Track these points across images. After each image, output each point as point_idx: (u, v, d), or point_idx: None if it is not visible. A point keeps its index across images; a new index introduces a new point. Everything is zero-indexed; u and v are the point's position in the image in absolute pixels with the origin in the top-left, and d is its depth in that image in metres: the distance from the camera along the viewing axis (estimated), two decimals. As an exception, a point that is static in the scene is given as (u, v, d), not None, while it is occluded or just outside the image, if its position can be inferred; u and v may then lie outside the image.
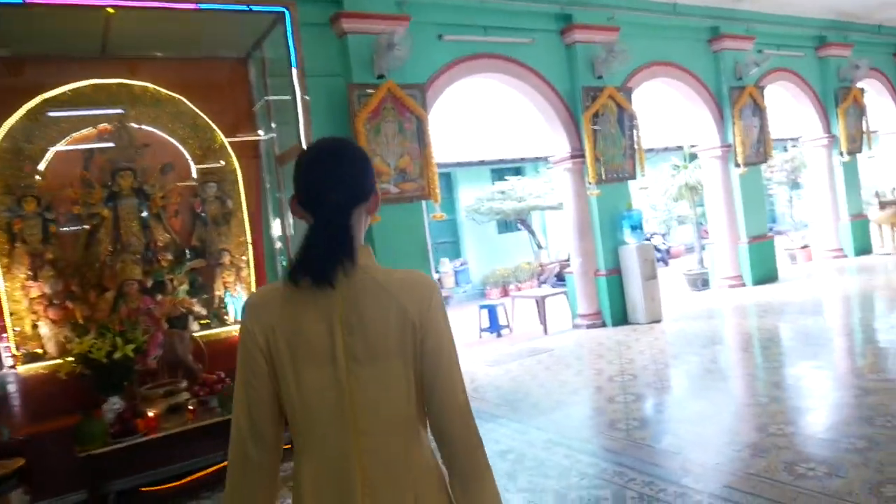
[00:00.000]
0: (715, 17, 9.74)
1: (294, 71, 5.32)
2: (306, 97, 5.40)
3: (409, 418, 1.42)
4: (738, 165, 9.90)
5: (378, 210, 1.55)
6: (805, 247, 12.55)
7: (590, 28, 8.25)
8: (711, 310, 8.79)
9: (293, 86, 5.32)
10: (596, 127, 8.16)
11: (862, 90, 12.09)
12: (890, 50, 13.34)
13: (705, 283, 10.79)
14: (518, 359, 7.31)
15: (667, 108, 13.01)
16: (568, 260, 14.90)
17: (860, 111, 11.95)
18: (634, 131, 8.60)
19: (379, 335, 1.39)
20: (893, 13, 12.17)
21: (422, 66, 7.13)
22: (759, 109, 10.12)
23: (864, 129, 12.04)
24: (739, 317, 8.15)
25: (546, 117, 8.39)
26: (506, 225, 16.03)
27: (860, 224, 11.94)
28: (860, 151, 12.01)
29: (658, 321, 8.23)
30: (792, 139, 14.05)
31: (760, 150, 10.20)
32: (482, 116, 15.62)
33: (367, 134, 6.56)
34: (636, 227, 8.31)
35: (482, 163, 15.63)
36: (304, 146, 5.03)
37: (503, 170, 15.93)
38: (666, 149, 16.55)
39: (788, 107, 12.04)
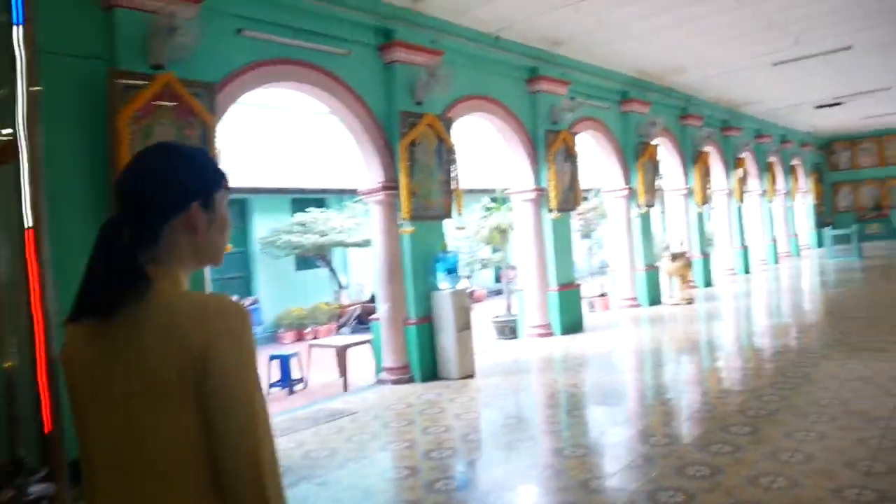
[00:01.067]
0: (534, 58, 9.49)
1: (17, 31, 3.75)
2: (34, 88, 3.86)
3: (195, 475, 1.15)
4: (551, 210, 9.64)
5: (207, 228, 1.30)
6: (602, 295, 12.76)
7: (411, 48, 7.45)
8: (523, 362, 8.24)
9: (14, 51, 3.75)
10: (409, 162, 7.30)
11: (657, 146, 12.68)
12: (677, 113, 14.29)
13: (513, 332, 10.36)
14: (314, 424, 6.07)
15: (480, 146, 12.71)
16: (371, 301, 13.93)
17: (655, 167, 12.49)
18: (452, 166, 7.89)
19: (158, 372, 1.14)
20: (681, 78, 12.99)
21: (213, 62, 5.81)
22: (571, 156, 10.01)
23: (658, 184, 12.60)
24: (553, 371, 7.66)
25: (358, 141, 7.40)
26: (305, 261, 14.70)
27: (652, 275, 12.38)
28: (654, 205, 12.52)
29: (471, 376, 7.46)
30: (592, 189, 14.46)
31: (571, 196, 10.07)
32: (285, 138, 14.30)
33: (133, 136, 5.07)
34: (452, 271, 7.54)
35: (281, 191, 14.24)
36: (23, 137, 3.53)
37: (304, 200, 14.65)
38: (472, 190, 16.38)
39: (593, 157, 12.27)
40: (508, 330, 10.54)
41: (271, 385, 8.02)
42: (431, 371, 7.53)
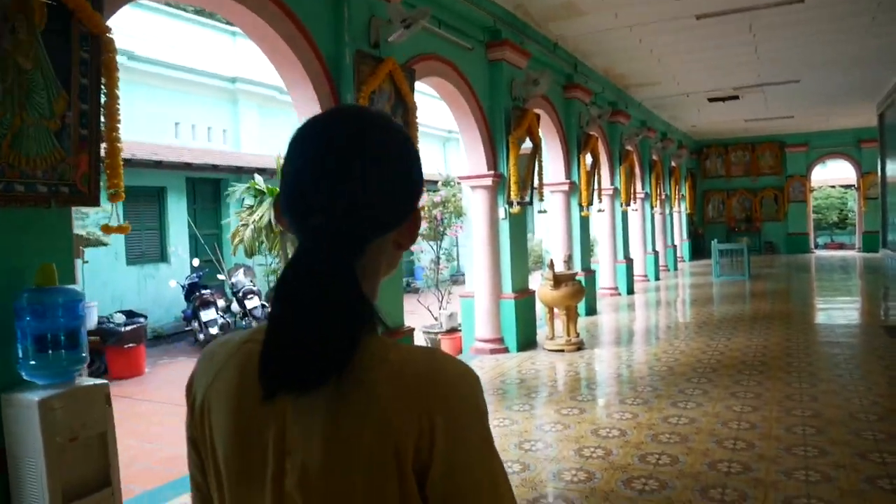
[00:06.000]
0: (338, -84, 5.13)
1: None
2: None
3: None
4: (361, 201, 5.33)
5: (414, 242, 0.96)
6: (453, 331, 8.67)
7: None
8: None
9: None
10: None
11: (538, 116, 8.73)
12: (561, 80, 10.50)
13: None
14: None
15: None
16: (100, 331, 9.04)
17: (535, 147, 8.54)
18: (102, 98, 3.36)
19: (334, 469, 0.78)
20: (570, 28, 9.19)
21: None
22: (403, 103, 5.70)
23: (537, 172, 8.68)
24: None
25: None
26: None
27: (525, 305, 8.42)
28: (531, 203, 8.59)
29: None
30: (440, 180, 10.32)
31: (402, 179, 5.80)
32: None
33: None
34: (62, 342, 2.96)
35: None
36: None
37: None
38: (215, 167, 11.76)
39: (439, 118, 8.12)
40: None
41: None
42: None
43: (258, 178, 6.84)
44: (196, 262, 11.67)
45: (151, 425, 6.42)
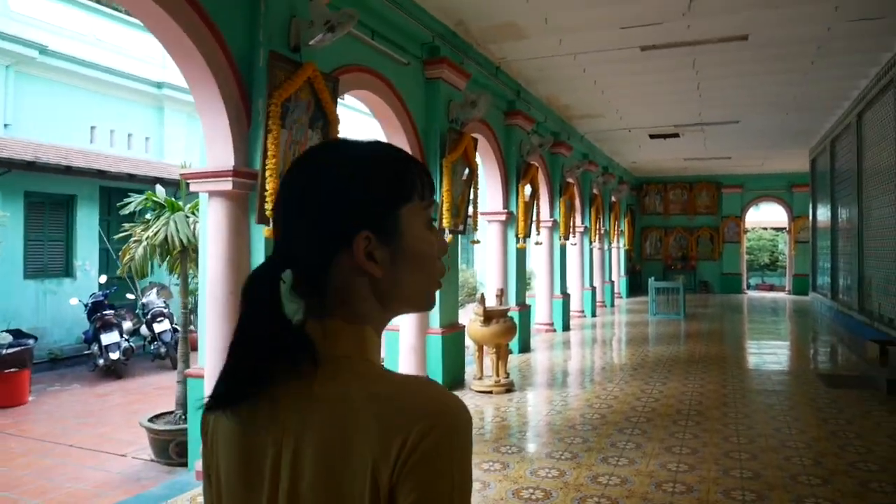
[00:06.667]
0: None
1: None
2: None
3: None
4: (268, 221, 4.70)
5: (390, 264, 0.87)
6: (375, 366, 8.03)
7: None
8: None
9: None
10: None
11: (476, 141, 8.26)
12: (503, 106, 10.13)
13: (184, 454, 5.23)
14: None
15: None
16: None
17: (471, 173, 8.06)
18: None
19: (319, 493, 0.78)
20: (511, 52, 8.83)
21: None
22: (323, 115, 5.10)
23: (472, 199, 8.18)
24: None
25: None
26: None
27: (453, 340, 7.87)
28: (463, 232, 8.08)
29: None
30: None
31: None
32: None
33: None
34: None
35: None
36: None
37: None
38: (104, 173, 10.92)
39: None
40: (178, 451, 5.38)
41: None
42: None
43: (159, 188, 6.11)
44: (104, 278, 10.71)
45: (15, 468, 5.55)
